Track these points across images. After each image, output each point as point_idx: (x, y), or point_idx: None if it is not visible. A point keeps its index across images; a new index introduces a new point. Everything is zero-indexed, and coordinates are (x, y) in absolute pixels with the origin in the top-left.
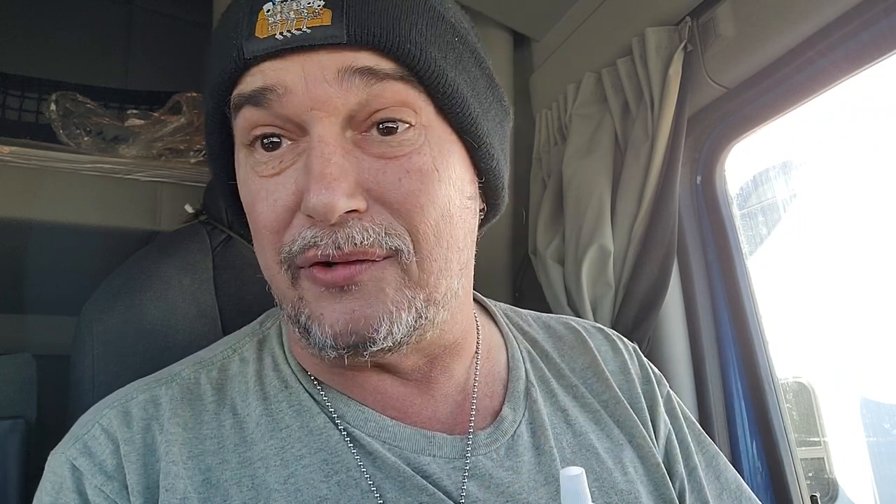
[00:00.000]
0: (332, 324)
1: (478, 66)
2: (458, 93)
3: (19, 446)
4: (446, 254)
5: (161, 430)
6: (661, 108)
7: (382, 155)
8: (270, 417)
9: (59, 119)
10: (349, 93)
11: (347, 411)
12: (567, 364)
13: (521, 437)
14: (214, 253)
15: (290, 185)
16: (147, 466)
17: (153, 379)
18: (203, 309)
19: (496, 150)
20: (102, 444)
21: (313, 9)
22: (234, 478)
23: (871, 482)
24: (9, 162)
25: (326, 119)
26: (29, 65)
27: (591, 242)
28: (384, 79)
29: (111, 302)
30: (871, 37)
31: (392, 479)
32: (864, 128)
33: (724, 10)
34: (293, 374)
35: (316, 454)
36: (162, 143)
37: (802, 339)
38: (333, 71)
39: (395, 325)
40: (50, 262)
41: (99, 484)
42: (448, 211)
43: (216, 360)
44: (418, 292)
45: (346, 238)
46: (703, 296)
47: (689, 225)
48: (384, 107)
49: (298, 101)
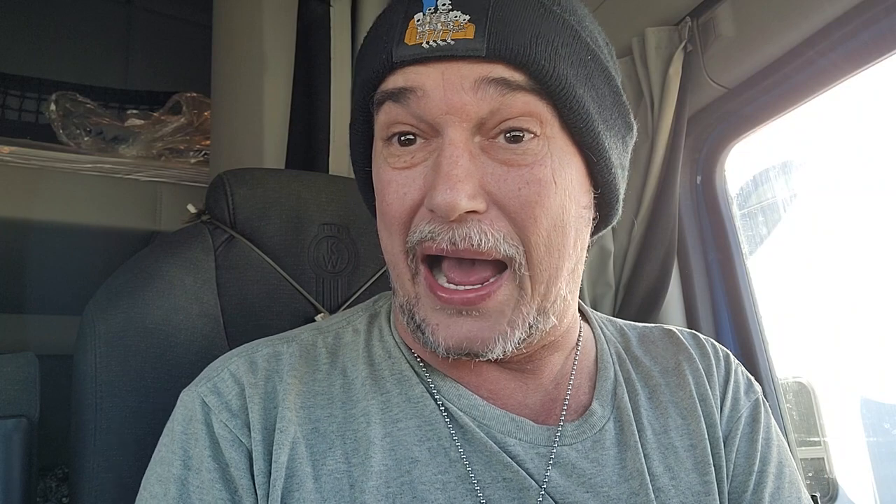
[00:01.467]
0: (446, 338)
1: (607, 83)
2: (583, 109)
3: (22, 445)
4: (557, 262)
5: (280, 380)
6: (661, 108)
7: (506, 162)
8: (374, 381)
9: (59, 119)
10: (483, 101)
11: (443, 386)
12: (657, 366)
13: (607, 433)
14: (217, 253)
15: (419, 179)
16: (266, 410)
17: (277, 337)
18: (205, 308)
19: (614, 165)
20: (230, 386)
21: (459, 22)
22: (339, 430)
23: (871, 482)
24: (9, 162)
25: (459, 124)
26: (29, 65)
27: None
28: (516, 90)
29: (114, 301)
30: (871, 37)
31: (479, 452)
32: (864, 128)
33: (724, 10)
34: (396, 346)
35: (412, 419)
36: (162, 143)
37: (802, 338)
38: (471, 80)
39: (508, 342)
40: (50, 262)
41: (224, 419)
42: (561, 220)
43: (332, 328)
44: (532, 306)
45: (464, 236)
46: (703, 296)
47: (689, 225)
48: (513, 116)
49: (435, 104)
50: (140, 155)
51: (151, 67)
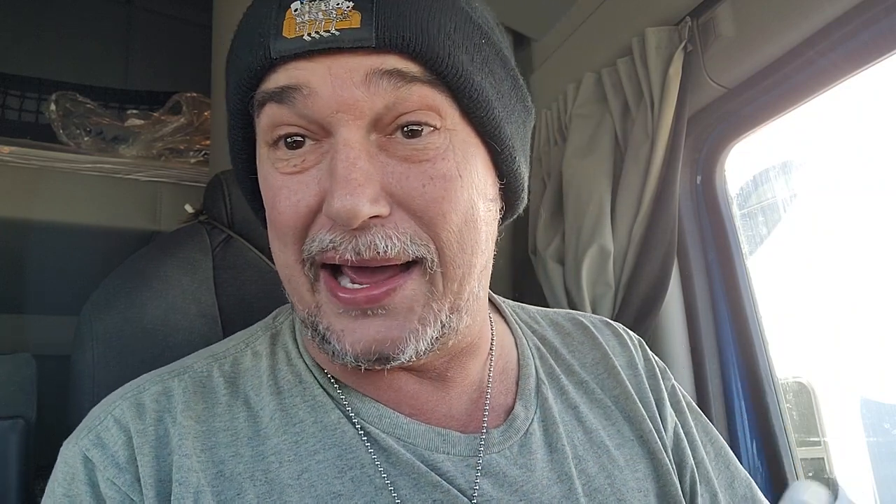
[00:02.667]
0: (353, 343)
1: (503, 67)
2: (483, 97)
3: (19, 446)
4: (470, 259)
5: (174, 422)
6: (661, 108)
7: (407, 158)
8: (284, 412)
9: (59, 119)
10: (376, 96)
11: (362, 407)
12: (577, 360)
13: (533, 435)
14: (214, 253)
15: (313, 185)
16: (159, 459)
17: (165, 371)
18: (203, 308)
19: (518, 153)
20: (115, 436)
21: (342, 10)
22: (248, 471)
23: (871, 482)
24: (9, 162)
25: (353, 122)
26: (29, 65)
27: (591, 242)
28: (411, 82)
29: (111, 301)
30: (871, 37)
31: (406, 475)
32: (864, 128)
33: (724, 10)
34: (307, 369)
35: (330, 450)
36: (162, 143)
37: (802, 339)
38: (361, 74)
39: (420, 341)
40: (50, 262)
41: (111, 476)
42: (472, 216)
43: (229, 353)
44: (444, 304)
45: (368, 245)
46: (703, 296)
47: (689, 225)
48: (410, 110)
49: (324, 103)
50: (140, 155)
51: (151, 67)
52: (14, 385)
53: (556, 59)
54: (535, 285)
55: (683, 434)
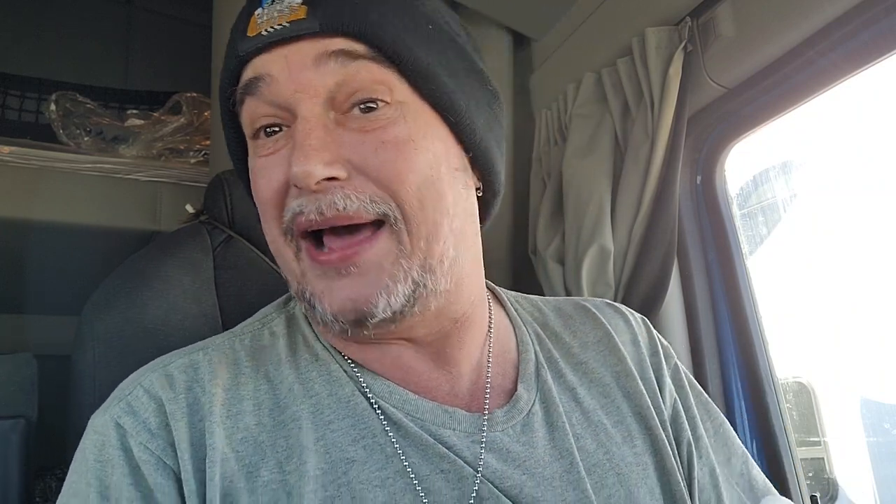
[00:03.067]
0: (332, 303)
1: (457, 54)
2: (429, 71)
3: (20, 445)
4: (434, 217)
5: (203, 390)
6: (661, 108)
7: (361, 129)
8: (302, 385)
9: (59, 119)
10: (326, 75)
11: (374, 383)
12: (578, 340)
13: (535, 416)
14: (215, 252)
15: (284, 162)
16: (192, 425)
17: (187, 348)
18: (204, 308)
19: (479, 127)
20: (145, 404)
21: (293, 6)
22: (270, 439)
23: (871, 482)
24: (9, 162)
25: (309, 100)
26: (29, 65)
27: (591, 242)
28: (357, 58)
29: (112, 301)
30: (871, 37)
31: (415, 446)
32: (864, 128)
33: (724, 10)
34: (325, 349)
35: (344, 420)
36: (162, 143)
37: (802, 339)
38: (312, 56)
39: (392, 296)
40: (50, 262)
41: (143, 441)
42: (430, 177)
43: (246, 331)
44: (413, 261)
45: (329, 204)
46: (703, 296)
47: (689, 225)
48: (361, 87)
49: (284, 86)
50: (140, 155)
51: (151, 67)
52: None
53: (556, 59)
54: (535, 285)
55: (683, 410)
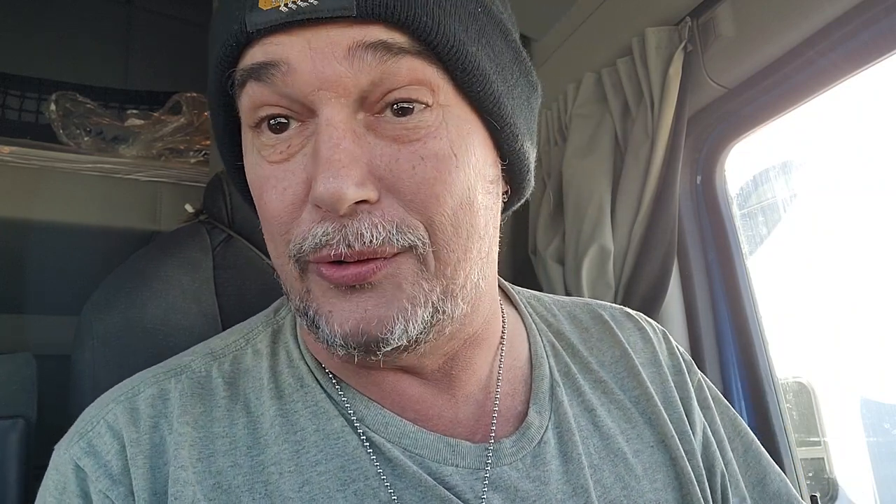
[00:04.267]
0: (342, 323)
1: (503, 38)
2: (479, 69)
3: (19, 446)
4: (466, 244)
5: (170, 429)
6: (661, 108)
7: (397, 138)
8: (285, 419)
9: (59, 119)
10: (360, 71)
11: (367, 413)
12: (595, 357)
13: (547, 444)
14: (215, 252)
15: (300, 172)
16: (154, 470)
17: (162, 370)
18: (203, 308)
19: (521, 131)
20: (108, 444)
21: None
22: (247, 483)
23: (871, 482)
24: (9, 162)
25: (336, 100)
26: (29, 65)
27: (591, 242)
28: (398, 54)
29: (111, 301)
30: (871, 37)
31: (413, 488)
32: (864, 128)
33: (724, 10)
34: (309, 371)
35: (332, 460)
36: (162, 143)
37: (802, 339)
38: (343, 47)
39: (410, 322)
40: (50, 262)
41: (104, 488)
42: (468, 198)
43: (228, 350)
44: (435, 285)
45: (356, 235)
46: (703, 296)
47: (689, 225)
48: (399, 86)
49: (305, 79)
50: (140, 155)
51: (151, 67)
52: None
53: (556, 59)
54: (535, 285)
55: (712, 434)
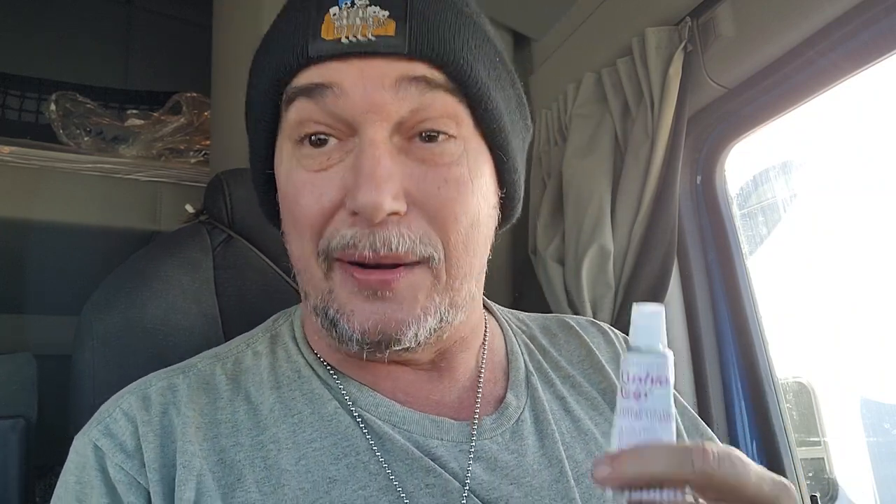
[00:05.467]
0: (362, 322)
1: (512, 85)
2: (496, 109)
3: (20, 445)
4: (472, 260)
5: (178, 413)
6: (661, 108)
7: (425, 161)
8: (283, 404)
9: (59, 119)
10: (404, 100)
11: (360, 396)
12: (564, 357)
13: (524, 423)
14: (215, 252)
15: (337, 181)
16: (164, 447)
17: (171, 369)
18: (203, 308)
19: (519, 165)
20: (123, 426)
21: (378, 18)
22: (248, 458)
23: (871, 482)
24: (9, 162)
25: (379, 123)
26: (29, 65)
27: (591, 242)
28: (436, 88)
29: (112, 301)
30: (871, 37)
31: (401, 460)
32: (864, 128)
33: (724, 10)
34: (307, 364)
35: (327, 438)
36: (162, 143)
37: (802, 338)
38: (392, 78)
39: (421, 328)
40: (50, 262)
41: (119, 462)
42: (477, 220)
43: (231, 353)
44: (444, 297)
45: (384, 241)
46: (703, 296)
47: (689, 225)
48: (432, 116)
49: (354, 103)
50: (140, 155)
51: (151, 67)
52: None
53: (556, 59)
54: (535, 285)
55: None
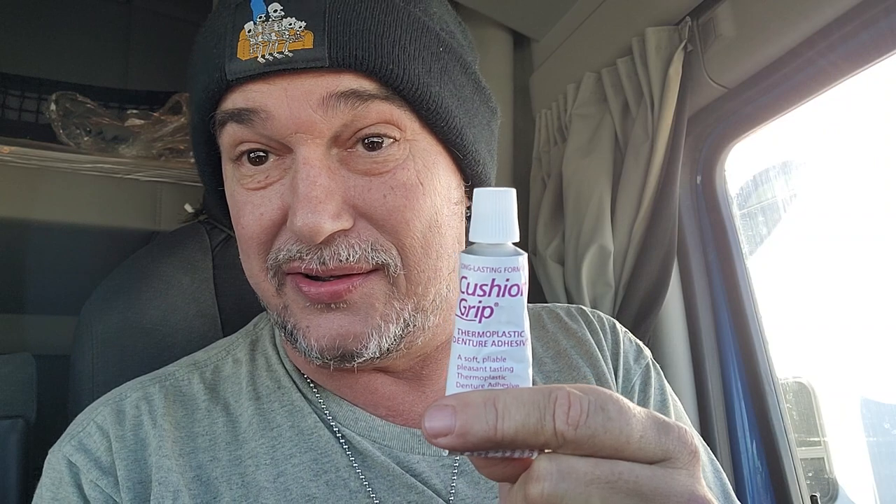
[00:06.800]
0: (318, 338)
1: (464, 72)
2: (442, 107)
3: (19, 445)
4: (435, 263)
5: (154, 425)
6: (661, 108)
7: (367, 172)
8: (262, 417)
9: (59, 119)
10: (334, 117)
11: (339, 411)
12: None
13: None
14: (214, 252)
15: (276, 199)
16: (139, 462)
17: (147, 378)
18: (203, 308)
19: (482, 156)
20: (97, 441)
21: (294, 30)
22: (225, 475)
23: (871, 482)
24: (9, 162)
25: (311, 141)
26: (29, 65)
27: (591, 242)
28: (368, 99)
29: (111, 301)
30: (871, 37)
31: (382, 477)
32: (864, 128)
33: (724, 10)
34: (287, 374)
35: (306, 454)
36: (162, 143)
37: (802, 339)
38: (318, 96)
39: (383, 338)
40: (50, 262)
41: (94, 478)
42: (435, 221)
43: (210, 361)
44: (406, 303)
45: (332, 255)
46: (703, 296)
47: (689, 225)
48: (368, 125)
49: (282, 124)
50: (140, 155)
51: (151, 67)
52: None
53: (556, 59)
54: (535, 285)
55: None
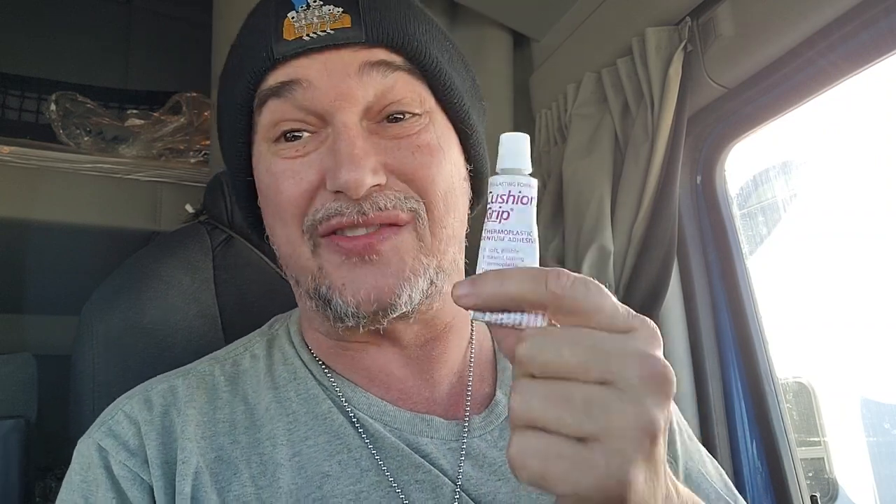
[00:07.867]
0: (355, 293)
1: (466, 69)
2: (454, 86)
3: (20, 445)
4: (453, 223)
5: (178, 413)
6: (661, 108)
7: (395, 136)
8: (279, 404)
9: (59, 119)
10: (368, 85)
11: (353, 396)
12: None
13: None
14: (215, 253)
15: (315, 164)
16: (165, 445)
17: (172, 373)
18: (203, 309)
19: (482, 141)
20: (125, 427)
21: (334, 14)
22: (244, 455)
23: (871, 482)
24: (9, 162)
25: (349, 109)
26: (29, 65)
27: (591, 242)
28: (396, 70)
29: (112, 301)
30: (871, 37)
31: (392, 457)
32: (864, 128)
33: (724, 10)
34: (304, 365)
35: (320, 436)
36: (162, 143)
37: (802, 338)
38: (355, 66)
39: (413, 290)
40: (50, 263)
41: (123, 459)
42: (452, 185)
43: (229, 356)
44: (431, 259)
45: (371, 205)
46: (703, 296)
47: (689, 225)
48: (396, 98)
49: (322, 93)
50: (140, 155)
51: (151, 67)
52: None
53: (556, 59)
54: None
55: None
